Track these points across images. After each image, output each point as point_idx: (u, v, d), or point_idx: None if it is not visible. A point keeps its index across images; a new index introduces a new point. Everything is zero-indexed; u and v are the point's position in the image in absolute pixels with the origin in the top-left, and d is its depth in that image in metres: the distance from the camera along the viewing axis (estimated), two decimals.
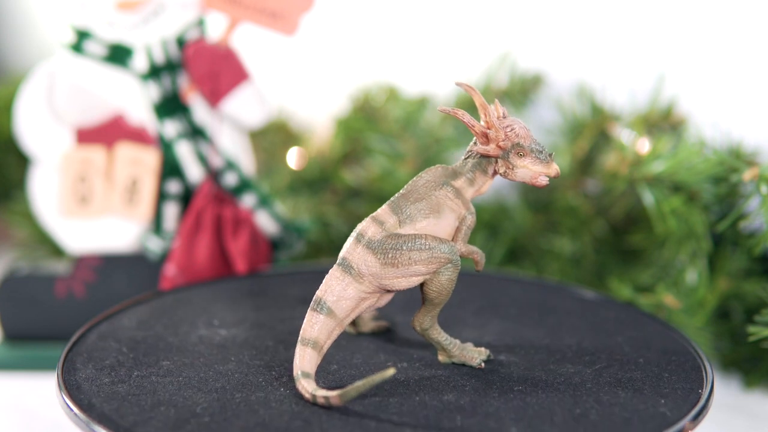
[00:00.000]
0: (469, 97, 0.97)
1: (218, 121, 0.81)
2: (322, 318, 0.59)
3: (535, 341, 0.66)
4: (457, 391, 0.59)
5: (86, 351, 0.64)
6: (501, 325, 0.69)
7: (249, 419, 0.55)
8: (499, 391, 0.59)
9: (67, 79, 0.80)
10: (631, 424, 0.55)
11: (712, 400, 0.58)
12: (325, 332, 0.59)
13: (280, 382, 0.60)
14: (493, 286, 0.76)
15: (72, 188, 0.80)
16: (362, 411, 0.56)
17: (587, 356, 0.63)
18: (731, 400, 0.78)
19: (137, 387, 0.59)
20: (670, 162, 0.78)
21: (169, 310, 0.71)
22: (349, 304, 0.60)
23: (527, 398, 0.58)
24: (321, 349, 0.59)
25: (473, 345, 0.64)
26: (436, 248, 0.60)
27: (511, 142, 0.61)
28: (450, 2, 1.04)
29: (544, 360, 0.63)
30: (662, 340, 0.66)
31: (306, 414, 0.56)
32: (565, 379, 0.60)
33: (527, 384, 0.59)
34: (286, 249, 0.84)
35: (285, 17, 0.79)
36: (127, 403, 0.57)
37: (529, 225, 0.93)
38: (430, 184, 0.61)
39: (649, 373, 0.61)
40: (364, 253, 0.59)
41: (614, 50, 0.96)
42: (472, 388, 0.59)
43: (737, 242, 0.81)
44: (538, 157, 0.60)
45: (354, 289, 0.60)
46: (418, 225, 0.60)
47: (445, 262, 0.60)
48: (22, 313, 0.82)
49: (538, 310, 0.71)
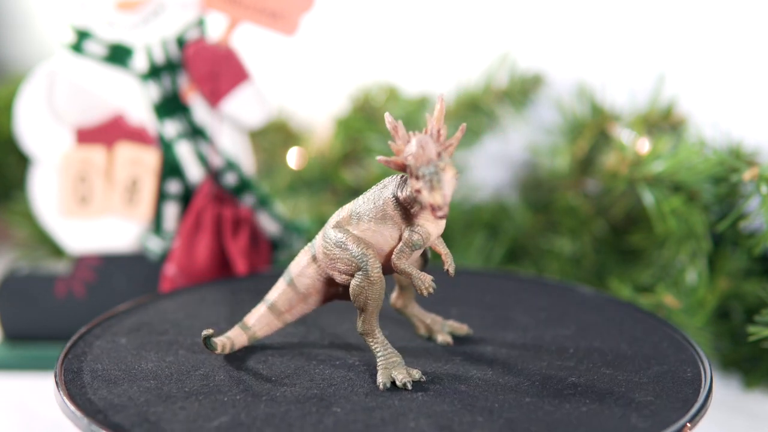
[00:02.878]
0: (469, 97, 0.97)
1: (218, 121, 0.81)
2: (284, 285, 0.62)
3: (533, 340, 0.66)
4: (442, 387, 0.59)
5: (86, 351, 0.64)
6: (500, 324, 0.69)
7: (249, 417, 0.55)
8: (497, 391, 0.59)
9: (67, 79, 0.80)
10: (630, 423, 0.55)
11: (711, 399, 0.58)
12: (284, 300, 0.62)
13: (281, 382, 0.60)
14: (490, 283, 0.76)
15: (72, 188, 0.80)
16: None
17: (585, 355, 0.63)
18: (731, 400, 0.78)
19: (137, 387, 0.59)
20: (670, 162, 0.78)
21: (169, 311, 0.71)
22: (307, 281, 0.62)
23: (524, 398, 0.58)
24: (279, 314, 0.62)
25: (416, 370, 0.60)
26: (352, 251, 0.59)
27: (405, 160, 0.56)
28: (450, 2, 1.04)
29: (541, 358, 0.63)
30: (662, 340, 0.66)
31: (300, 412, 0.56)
32: (562, 378, 0.60)
33: (524, 383, 0.59)
34: (286, 249, 0.84)
35: (285, 17, 0.79)
36: (126, 404, 0.57)
37: (529, 225, 0.93)
38: (383, 189, 0.59)
39: (648, 372, 0.61)
40: (320, 236, 0.61)
41: (614, 50, 0.96)
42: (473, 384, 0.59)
43: (737, 242, 0.81)
44: (423, 181, 0.55)
45: (312, 269, 0.61)
46: (362, 226, 0.59)
47: (356, 268, 0.59)
48: (22, 313, 0.82)
49: (537, 308, 0.71)
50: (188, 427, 0.55)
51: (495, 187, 1.00)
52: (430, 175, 0.55)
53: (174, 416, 0.56)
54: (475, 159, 1.00)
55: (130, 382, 0.60)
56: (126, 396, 0.58)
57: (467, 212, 0.96)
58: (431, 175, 0.55)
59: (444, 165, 0.55)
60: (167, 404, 0.57)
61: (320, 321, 0.68)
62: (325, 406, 0.57)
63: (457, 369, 0.61)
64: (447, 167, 0.55)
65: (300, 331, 0.67)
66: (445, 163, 0.55)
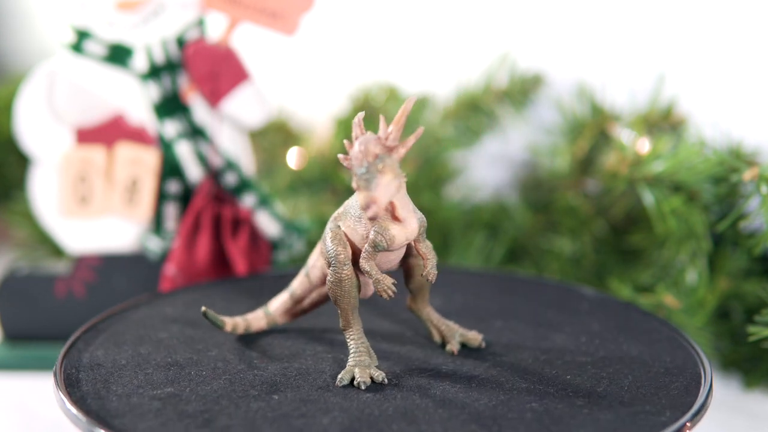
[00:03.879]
0: (469, 97, 0.97)
1: (218, 121, 0.81)
2: (302, 275, 0.65)
3: (532, 339, 0.66)
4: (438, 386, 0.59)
5: (85, 351, 0.64)
6: (497, 323, 0.69)
7: (251, 413, 0.56)
8: (493, 390, 0.59)
9: (67, 79, 0.80)
10: (630, 423, 0.55)
11: (711, 399, 0.58)
12: (302, 288, 0.65)
13: (281, 382, 0.60)
14: (488, 283, 0.77)
15: (72, 188, 0.80)
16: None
17: (585, 355, 0.63)
18: (731, 400, 0.78)
19: (136, 387, 0.59)
20: (670, 162, 0.78)
21: (169, 311, 0.71)
22: (317, 272, 0.63)
23: (525, 398, 0.58)
24: (297, 302, 0.65)
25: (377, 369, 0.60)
26: (327, 246, 0.59)
27: (348, 161, 0.56)
28: (450, 2, 1.04)
29: (540, 358, 0.63)
30: (662, 340, 0.66)
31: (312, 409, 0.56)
32: (561, 378, 0.60)
33: (522, 383, 0.59)
34: (286, 249, 0.84)
35: (285, 17, 0.79)
36: (126, 403, 0.57)
37: (529, 225, 0.93)
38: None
39: (648, 372, 0.61)
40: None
41: (614, 50, 0.96)
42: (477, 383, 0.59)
43: (737, 242, 0.81)
44: (355, 181, 0.55)
45: (321, 261, 0.63)
46: (347, 222, 0.59)
47: (326, 262, 0.60)
48: (22, 313, 0.82)
49: (536, 307, 0.71)
50: (189, 426, 0.55)
51: (495, 187, 1.00)
52: (361, 176, 0.55)
53: (174, 416, 0.56)
54: (475, 159, 1.00)
55: (129, 382, 0.60)
56: (126, 396, 0.58)
57: (467, 212, 0.96)
58: (361, 176, 0.55)
59: (382, 167, 0.55)
60: (167, 404, 0.57)
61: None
62: (268, 392, 0.58)
63: (447, 368, 0.61)
64: (385, 169, 0.55)
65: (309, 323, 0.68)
66: (384, 164, 0.55)
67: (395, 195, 0.56)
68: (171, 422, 0.55)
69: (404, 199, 0.57)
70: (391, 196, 0.55)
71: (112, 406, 0.57)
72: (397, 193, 0.56)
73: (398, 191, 0.56)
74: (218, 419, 0.55)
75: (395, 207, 0.57)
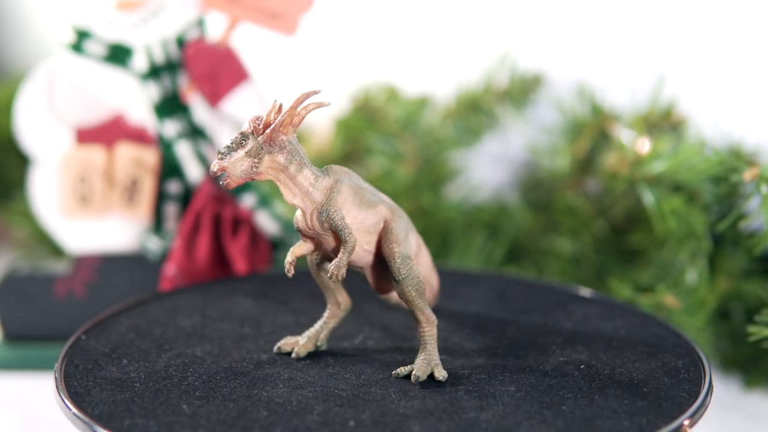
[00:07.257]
0: (469, 97, 0.97)
1: (218, 121, 0.81)
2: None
3: (531, 339, 0.66)
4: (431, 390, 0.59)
5: (86, 351, 0.64)
6: (495, 324, 0.69)
7: (251, 411, 0.56)
8: (494, 391, 0.59)
9: (67, 79, 0.80)
10: (629, 423, 0.55)
11: (710, 399, 0.58)
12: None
13: (281, 381, 0.60)
14: (487, 284, 0.77)
15: (72, 188, 0.80)
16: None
17: (584, 354, 0.63)
18: (731, 400, 0.78)
19: (136, 387, 0.59)
20: (670, 162, 0.78)
21: (168, 311, 0.71)
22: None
23: (520, 396, 0.58)
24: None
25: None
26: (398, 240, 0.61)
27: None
28: (450, 2, 1.04)
29: (540, 358, 0.63)
30: (661, 339, 0.66)
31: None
32: (560, 378, 0.60)
33: (521, 383, 0.59)
34: (286, 249, 0.84)
35: (285, 17, 0.79)
36: (126, 403, 0.57)
37: (529, 225, 0.93)
38: None
39: (648, 371, 0.61)
40: None
41: (614, 50, 0.96)
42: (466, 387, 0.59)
43: (737, 242, 0.81)
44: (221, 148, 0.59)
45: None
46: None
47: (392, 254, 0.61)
48: (22, 313, 0.82)
49: (536, 307, 0.71)
50: (189, 425, 0.55)
51: (495, 187, 1.00)
52: (225, 146, 0.58)
53: (174, 416, 0.56)
54: (475, 159, 1.00)
55: (129, 382, 0.60)
56: (126, 396, 0.58)
57: (467, 212, 0.96)
58: (226, 146, 0.58)
59: (245, 144, 0.58)
60: (167, 404, 0.57)
61: None
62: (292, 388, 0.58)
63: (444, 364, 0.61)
64: (245, 146, 0.58)
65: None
66: (246, 143, 0.58)
67: (251, 174, 0.58)
68: (171, 422, 0.55)
69: (290, 184, 0.59)
70: (243, 172, 0.58)
71: (113, 406, 0.57)
72: (254, 174, 0.58)
73: (253, 171, 0.58)
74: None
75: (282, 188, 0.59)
